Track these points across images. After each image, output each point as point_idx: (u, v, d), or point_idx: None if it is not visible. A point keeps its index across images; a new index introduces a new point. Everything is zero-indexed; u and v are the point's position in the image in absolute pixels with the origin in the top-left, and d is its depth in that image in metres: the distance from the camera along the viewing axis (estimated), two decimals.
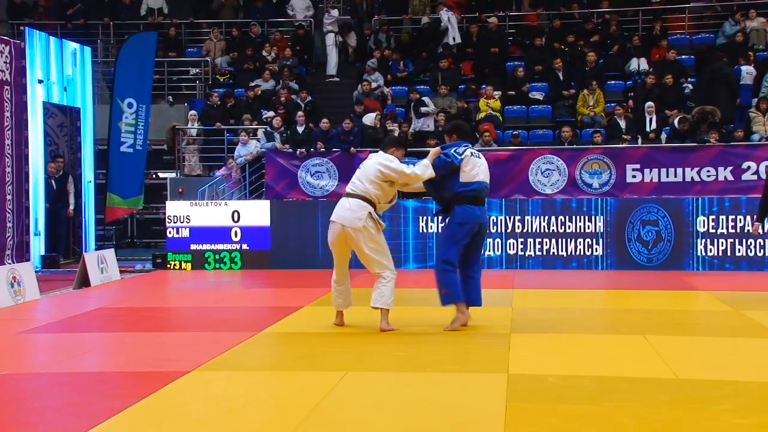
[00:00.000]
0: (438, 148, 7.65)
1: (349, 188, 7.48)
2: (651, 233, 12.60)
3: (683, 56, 16.82)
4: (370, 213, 7.28)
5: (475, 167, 7.48)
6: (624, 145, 14.25)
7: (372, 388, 5.56)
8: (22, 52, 12.72)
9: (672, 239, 12.56)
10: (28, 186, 12.78)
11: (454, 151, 7.48)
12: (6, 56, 12.40)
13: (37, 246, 12.95)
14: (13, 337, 7.63)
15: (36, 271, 10.55)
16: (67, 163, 14.27)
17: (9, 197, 12.38)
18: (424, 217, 12.87)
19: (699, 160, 13.63)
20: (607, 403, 5.12)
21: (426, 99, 15.53)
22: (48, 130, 13.94)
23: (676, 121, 14.16)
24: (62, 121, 14.43)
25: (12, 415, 5.00)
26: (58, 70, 13.56)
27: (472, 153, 7.51)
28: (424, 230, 12.89)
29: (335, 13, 18.54)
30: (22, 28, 14.90)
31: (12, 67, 12.52)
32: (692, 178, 13.60)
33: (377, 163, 7.41)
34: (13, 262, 11.51)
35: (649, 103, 14.79)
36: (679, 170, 13.62)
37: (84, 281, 11.06)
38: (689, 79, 15.90)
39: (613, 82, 16.70)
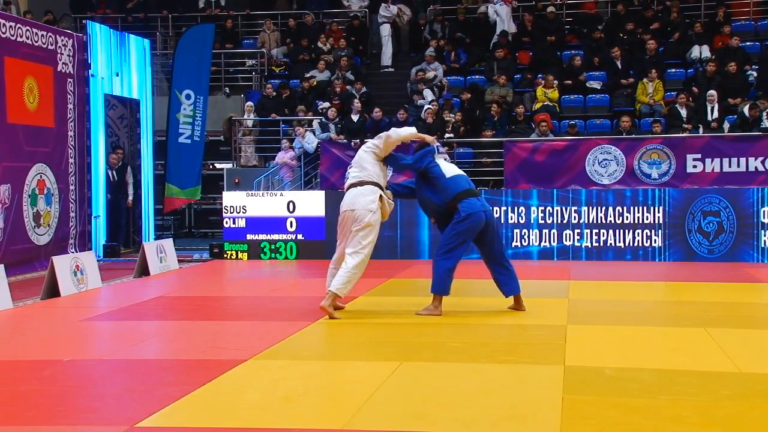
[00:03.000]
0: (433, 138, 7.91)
1: (350, 181, 7.62)
2: (712, 224, 12.33)
3: (747, 43, 16.39)
4: (381, 196, 7.44)
5: (449, 165, 7.81)
6: (684, 135, 13.95)
7: (427, 379, 5.55)
8: (85, 45, 13.00)
9: (734, 230, 12.27)
10: (90, 177, 13.08)
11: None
12: (69, 49, 12.69)
13: (99, 235, 13.24)
14: (76, 324, 7.81)
15: (97, 260, 10.78)
16: (127, 154, 14.54)
17: (72, 187, 12.69)
18: None
19: (763, 150, 13.26)
20: (666, 396, 5.02)
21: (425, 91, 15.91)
22: (108, 121, 14.22)
23: (746, 109, 13.77)
24: (122, 112, 14.71)
25: (75, 401, 5.11)
26: (118, 63, 13.81)
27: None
28: None
29: (393, 8, 18.51)
30: (84, 21, 15.22)
31: (75, 60, 12.81)
32: (756, 167, 13.23)
33: (371, 143, 7.72)
34: (77, 251, 11.80)
35: (711, 92, 14.45)
36: (742, 160, 13.27)
37: (144, 270, 11.27)
38: (753, 67, 15.49)
39: (673, 70, 16.36)
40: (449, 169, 7.70)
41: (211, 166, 17.87)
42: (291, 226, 13.37)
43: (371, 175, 7.52)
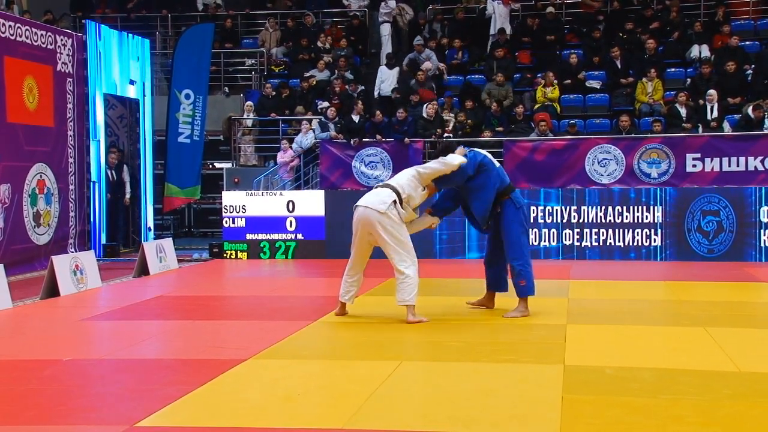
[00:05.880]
0: (463, 147, 7.77)
1: (378, 183, 7.74)
2: (712, 224, 12.34)
3: (747, 42, 16.39)
4: (395, 201, 7.29)
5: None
6: (683, 134, 13.95)
7: (427, 378, 5.55)
8: (84, 45, 13.00)
9: (734, 230, 12.27)
10: (89, 176, 13.08)
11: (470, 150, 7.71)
12: (69, 49, 12.68)
13: (98, 235, 13.24)
14: (76, 323, 7.81)
15: (97, 260, 10.78)
16: (126, 153, 14.53)
17: (72, 187, 12.68)
18: None
19: (763, 149, 13.26)
20: (666, 395, 5.02)
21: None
22: (108, 121, 14.21)
23: (749, 110, 13.73)
24: (122, 112, 14.70)
25: (75, 400, 5.11)
26: (118, 63, 13.80)
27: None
28: None
29: (392, 3, 18.49)
30: (83, 21, 15.20)
31: (74, 59, 12.80)
32: (755, 167, 13.23)
33: (415, 167, 7.67)
34: (76, 251, 11.79)
35: (711, 91, 14.44)
36: (742, 159, 13.27)
37: (143, 270, 11.27)
38: (752, 66, 15.49)
39: (673, 69, 16.36)
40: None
41: (210, 166, 17.86)
42: (290, 226, 13.37)
43: (394, 182, 7.48)
